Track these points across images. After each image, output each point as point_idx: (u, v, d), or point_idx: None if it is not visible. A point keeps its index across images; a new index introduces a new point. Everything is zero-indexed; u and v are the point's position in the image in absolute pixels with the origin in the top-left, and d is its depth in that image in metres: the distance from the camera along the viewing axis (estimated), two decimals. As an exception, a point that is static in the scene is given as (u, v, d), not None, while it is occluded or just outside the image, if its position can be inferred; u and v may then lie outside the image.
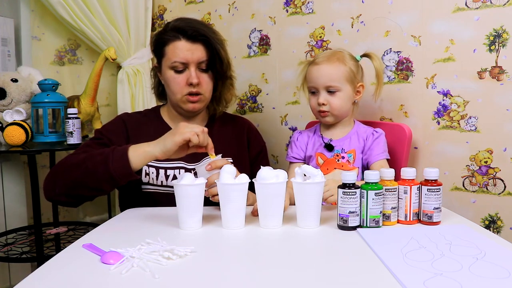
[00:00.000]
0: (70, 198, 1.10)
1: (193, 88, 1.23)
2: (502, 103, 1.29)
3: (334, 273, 0.71)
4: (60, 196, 1.10)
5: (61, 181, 1.09)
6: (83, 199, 1.13)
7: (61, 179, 1.09)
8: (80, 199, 1.12)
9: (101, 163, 1.03)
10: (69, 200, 1.11)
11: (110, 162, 1.02)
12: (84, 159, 1.07)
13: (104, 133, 1.24)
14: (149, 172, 1.21)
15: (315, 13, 1.63)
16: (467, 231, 0.90)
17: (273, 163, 1.78)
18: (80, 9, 1.79)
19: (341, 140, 1.26)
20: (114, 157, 1.03)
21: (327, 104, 1.23)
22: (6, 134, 1.57)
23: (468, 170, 1.36)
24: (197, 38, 1.22)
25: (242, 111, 1.85)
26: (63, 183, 1.08)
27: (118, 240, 0.87)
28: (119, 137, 1.24)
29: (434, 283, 0.64)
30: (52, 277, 0.70)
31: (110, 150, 1.05)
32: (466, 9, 1.33)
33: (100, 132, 1.26)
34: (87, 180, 1.05)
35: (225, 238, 0.90)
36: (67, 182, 1.08)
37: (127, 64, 1.89)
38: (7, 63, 1.85)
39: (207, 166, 1.02)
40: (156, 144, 1.03)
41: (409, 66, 1.44)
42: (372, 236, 0.86)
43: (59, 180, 1.10)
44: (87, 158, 1.06)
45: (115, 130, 1.26)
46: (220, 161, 1.03)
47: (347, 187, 0.91)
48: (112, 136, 1.23)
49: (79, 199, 1.12)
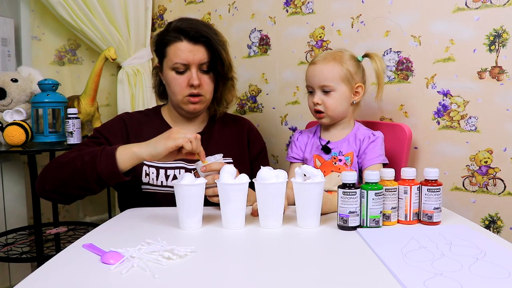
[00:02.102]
0: (60, 195, 1.09)
1: (194, 89, 1.23)
2: (502, 103, 1.29)
3: (334, 273, 0.71)
4: (50, 193, 1.09)
5: (51, 178, 1.09)
6: (73, 198, 1.12)
7: (52, 177, 1.09)
8: (70, 197, 1.11)
9: (89, 163, 1.02)
10: (59, 198, 1.11)
11: (97, 162, 1.01)
12: (74, 158, 1.06)
13: (103, 133, 1.24)
14: (149, 173, 1.21)
15: (315, 13, 1.63)
16: (467, 231, 0.90)
17: (273, 163, 1.78)
18: (80, 9, 1.79)
19: (339, 142, 1.25)
20: (102, 157, 1.02)
21: (321, 104, 1.22)
22: (6, 134, 1.57)
23: (468, 170, 1.36)
24: (199, 40, 1.21)
25: (242, 111, 1.85)
26: (53, 181, 1.08)
27: (118, 240, 0.87)
28: (117, 137, 1.23)
29: (434, 283, 0.64)
30: (52, 277, 0.70)
31: (99, 149, 1.05)
32: (466, 9, 1.33)
33: (98, 131, 1.26)
34: (75, 179, 1.05)
35: (225, 238, 0.90)
36: (56, 180, 1.07)
37: (127, 64, 1.89)
38: (7, 63, 1.85)
39: (202, 168, 1.02)
40: (146, 146, 1.02)
41: (409, 66, 1.44)
42: (372, 236, 0.86)
43: (50, 178, 1.09)
44: (77, 157, 1.06)
45: (114, 130, 1.26)
46: (215, 164, 1.03)
47: (347, 187, 0.91)
48: (110, 135, 1.23)
49: (69, 197, 1.11)
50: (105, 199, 1.94)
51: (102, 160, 1.02)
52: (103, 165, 1.01)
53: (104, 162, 1.01)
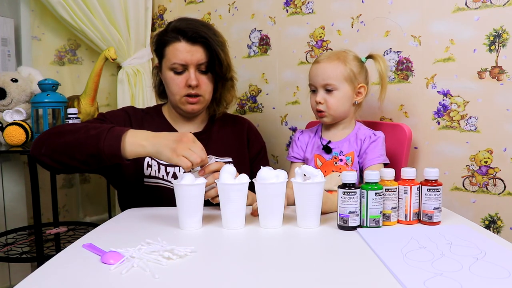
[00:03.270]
0: (54, 162, 1.06)
1: (192, 89, 1.23)
2: (502, 103, 1.29)
3: (334, 273, 0.71)
4: (44, 156, 1.06)
5: (50, 142, 1.06)
6: (66, 168, 1.08)
7: (51, 141, 1.06)
8: (62, 166, 1.07)
9: (94, 137, 1.01)
10: (51, 164, 1.07)
11: (102, 138, 1.00)
12: (79, 128, 1.05)
13: (108, 117, 1.23)
14: (152, 164, 1.21)
15: (315, 13, 1.63)
16: (467, 231, 0.90)
17: (273, 163, 1.78)
18: (80, 9, 1.79)
19: (340, 142, 1.25)
20: (108, 135, 1.00)
21: (323, 103, 1.22)
22: (6, 134, 1.57)
23: (468, 170, 1.36)
24: (197, 40, 1.21)
25: (242, 111, 1.85)
26: (51, 145, 1.05)
27: (118, 240, 0.87)
28: (120, 126, 1.22)
29: (434, 283, 0.64)
30: (52, 277, 0.70)
31: (107, 127, 1.03)
32: (466, 9, 1.33)
33: (103, 115, 1.25)
34: (75, 149, 1.02)
35: (225, 238, 0.90)
36: (55, 145, 1.05)
37: (127, 64, 1.89)
38: (7, 63, 1.84)
39: (200, 172, 1.01)
40: (154, 145, 1.00)
41: (409, 66, 1.44)
42: (372, 236, 0.86)
43: (49, 141, 1.06)
44: (82, 128, 1.04)
45: (118, 119, 1.25)
46: (214, 165, 1.02)
47: (347, 187, 0.91)
48: (114, 122, 1.21)
49: (62, 166, 1.07)
50: (105, 199, 1.94)
51: (107, 138, 1.00)
52: (108, 142, 0.99)
53: (109, 140, 0.99)
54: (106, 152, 0.99)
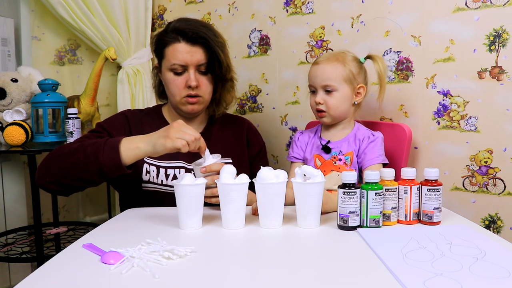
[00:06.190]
0: (60, 187, 1.08)
1: (192, 90, 1.22)
2: (502, 103, 1.29)
3: (334, 273, 0.71)
4: (50, 184, 1.07)
5: (52, 169, 1.07)
6: (73, 189, 1.10)
7: (53, 167, 1.07)
8: (70, 188, 1.09)
9: (92, 154, 1.02)
10: (59, 189, 1.09)
11: (100, 153, 1.01)
12: (76, 149, 1.06)
13: (105, 127, 1.23)
14: (150, 170, 1.21)
15: (315, 13, 1.63)
16: (467, 231, 0.90)
17: (273, 163, 1.78)
18: (80, 9, 1.79)
19: (339, 142, 1.26)
20: (105, 148, 1.01)
21: (323, 104, 1.23)
22: (6, 134, 1.57)
23: (468, 170, 1.36)
24: (197, 41, 1.21)
25: (242, 111, 1.85)
26: (54, 172, 1.06)
27: (118, 240, 0.87)
28: (120, 132, 1.23)
29: (434, 283, 0.64)
30: (52, 277, 0.70)
31: (102, 141, 1.04)
32: (466, 9, 1.33)
33: (101, 126, 1.25)
34: (77, 170, 1.04)
35: (225, 238, 0.90)
36: (58, 171, 1.06)
37: (127, 64, 1.89)
38: (7, 63, 1.85)
39: (202, 169, 1.02)
40: (148, 142, 1.02)
41: (409, 66, 1.44)
42: (372, 236, 0.86)
43: (51, 168, 1.07)
44: (79, 148, 1.05)
45: (117, 125, 1.25)
46: (215, 165, 1.03)
47: (347, 187, 0.91)
48: (112, 130, 1.22)
49: (69, 189, 1.10)
50: (105, 199, 1.94)
51: (105, 151, 1.01)
52: (106, 156, 1.00)
53: (107, 154, 1.01)
54: (107, 165, 1.01)
